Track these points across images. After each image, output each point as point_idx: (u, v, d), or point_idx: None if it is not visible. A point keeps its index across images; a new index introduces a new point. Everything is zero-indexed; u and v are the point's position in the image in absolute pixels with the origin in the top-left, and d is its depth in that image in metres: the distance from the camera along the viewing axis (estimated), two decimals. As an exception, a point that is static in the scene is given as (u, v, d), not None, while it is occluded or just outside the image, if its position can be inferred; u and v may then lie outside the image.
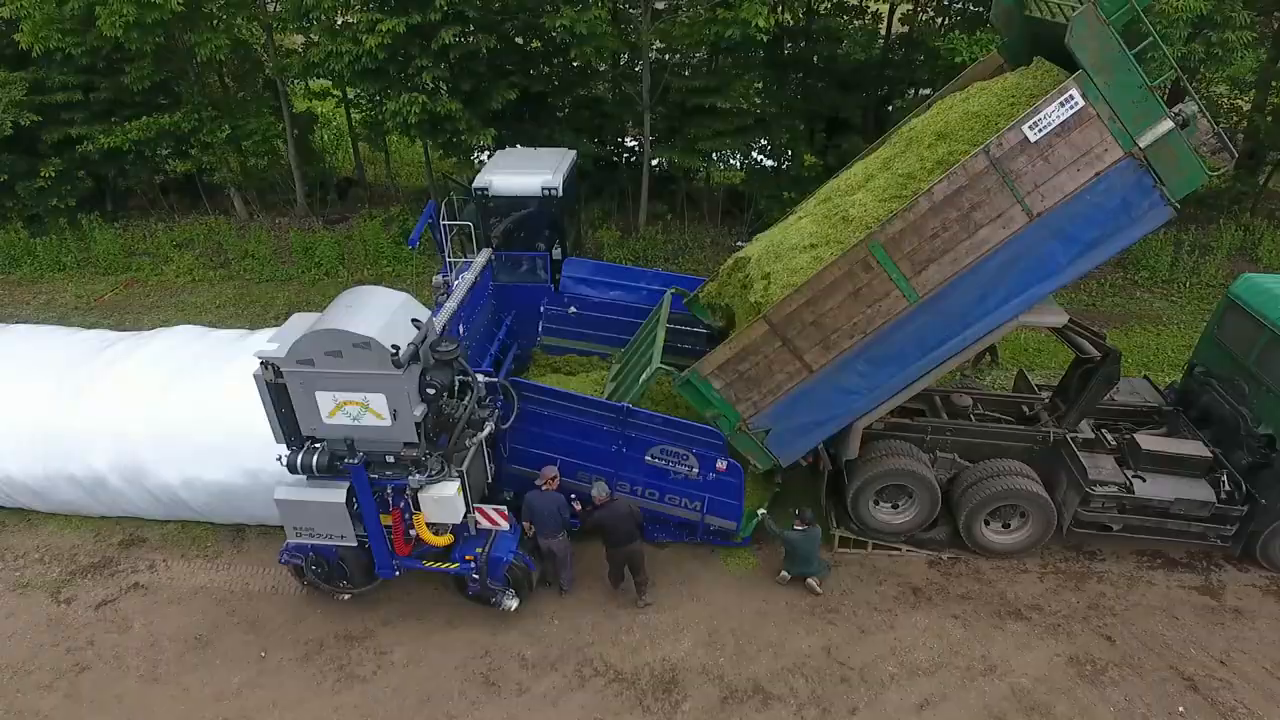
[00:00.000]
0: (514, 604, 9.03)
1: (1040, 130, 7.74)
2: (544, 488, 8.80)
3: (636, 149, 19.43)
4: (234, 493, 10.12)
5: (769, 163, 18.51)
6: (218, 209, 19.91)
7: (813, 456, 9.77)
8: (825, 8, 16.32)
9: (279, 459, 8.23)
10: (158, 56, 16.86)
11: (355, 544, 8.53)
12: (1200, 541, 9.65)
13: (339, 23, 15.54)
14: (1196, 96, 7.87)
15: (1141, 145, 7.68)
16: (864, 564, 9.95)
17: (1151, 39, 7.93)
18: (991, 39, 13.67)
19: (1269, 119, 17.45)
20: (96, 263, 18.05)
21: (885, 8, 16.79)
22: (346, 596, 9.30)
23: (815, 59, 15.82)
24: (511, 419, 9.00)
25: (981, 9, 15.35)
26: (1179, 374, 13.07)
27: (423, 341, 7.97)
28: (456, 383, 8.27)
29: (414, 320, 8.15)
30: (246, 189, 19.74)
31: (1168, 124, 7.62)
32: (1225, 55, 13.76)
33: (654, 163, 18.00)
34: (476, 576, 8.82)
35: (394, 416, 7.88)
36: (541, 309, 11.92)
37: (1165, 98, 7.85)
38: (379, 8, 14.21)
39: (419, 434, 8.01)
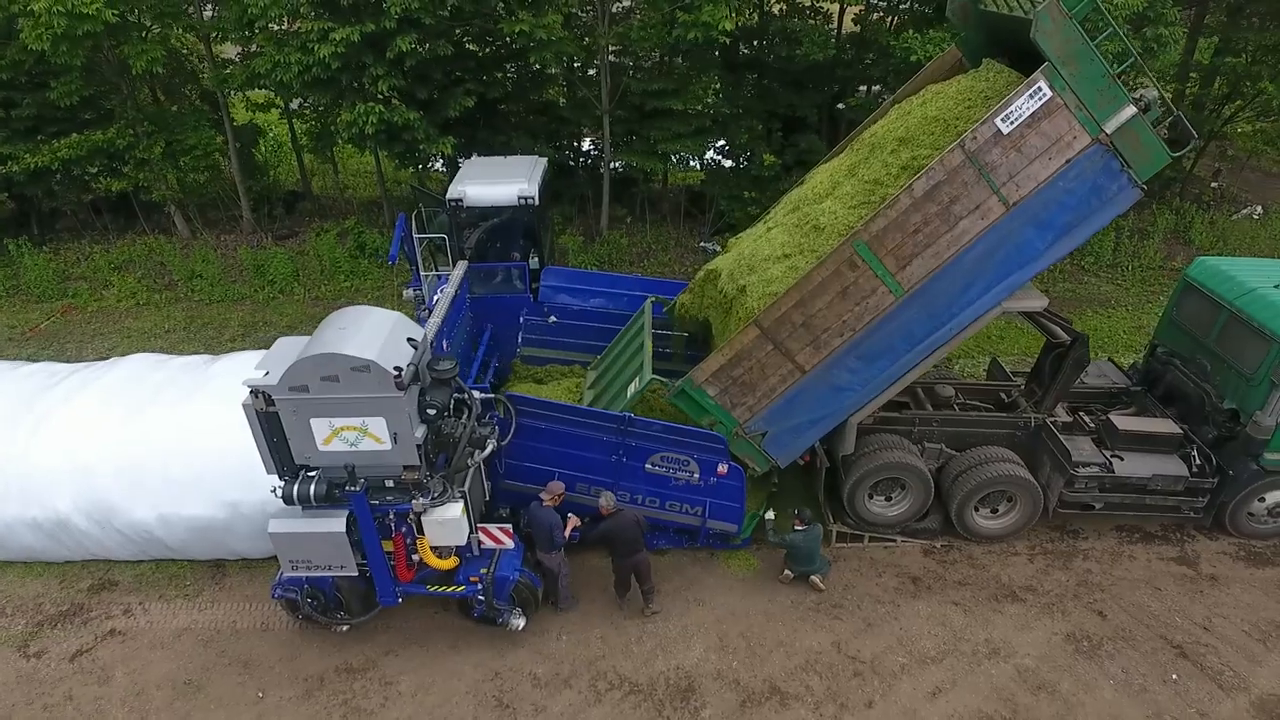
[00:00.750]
0: (521, 623, 8.86)
1: (1012, 122, 7.99)
2: (546, 502, 8.65)
3: (593, 153, 19.35)
4: (213, 527, 9.67)
5: (727, 163, 18.64)
6: (156, 228, 18.99)
7: (809, 455, 9.86)
8: (780, 9, 16.52)
9: (273, 491, 7.87)
10: (86, 70, 15.95)
11: (356, 573, 8.22)
12: (1174, 514, 10.11)
13: (286, 31, 14.97)
14: (1155, 82, 8.23)
15: (1108, 131, 7.99)
16: (862, 557, 10.10)
17: (1111, 30, 8.30)
18: (945, 37, 14.07)
19: (1190, 108, 18.44)
20: (27, 290, 16.99)
21: (835, 8, 17.11)
22: (345, 628, 8.98)
23: (772, 59, 15.98)
24: (510, 435, 8.83)
25: (928, 9, 15.78)
26: (1132, 354, 13.80)
27: (420, 361, 7.74)
28: (454, 401, 8.07)
29: (409, 340, 7.91)
30: (187, 206, 18.86)
31: (1131, 109, 7.95)
32: (1159, 49, 14.46)
33: (613, 166, 17.93)
34: (482, 598, 8.62)
35: (394, 439, 7.62)
36: (521, 319, 11.72)
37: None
38: (330, 16, 13.75)
39: (420, 456, 7.78)
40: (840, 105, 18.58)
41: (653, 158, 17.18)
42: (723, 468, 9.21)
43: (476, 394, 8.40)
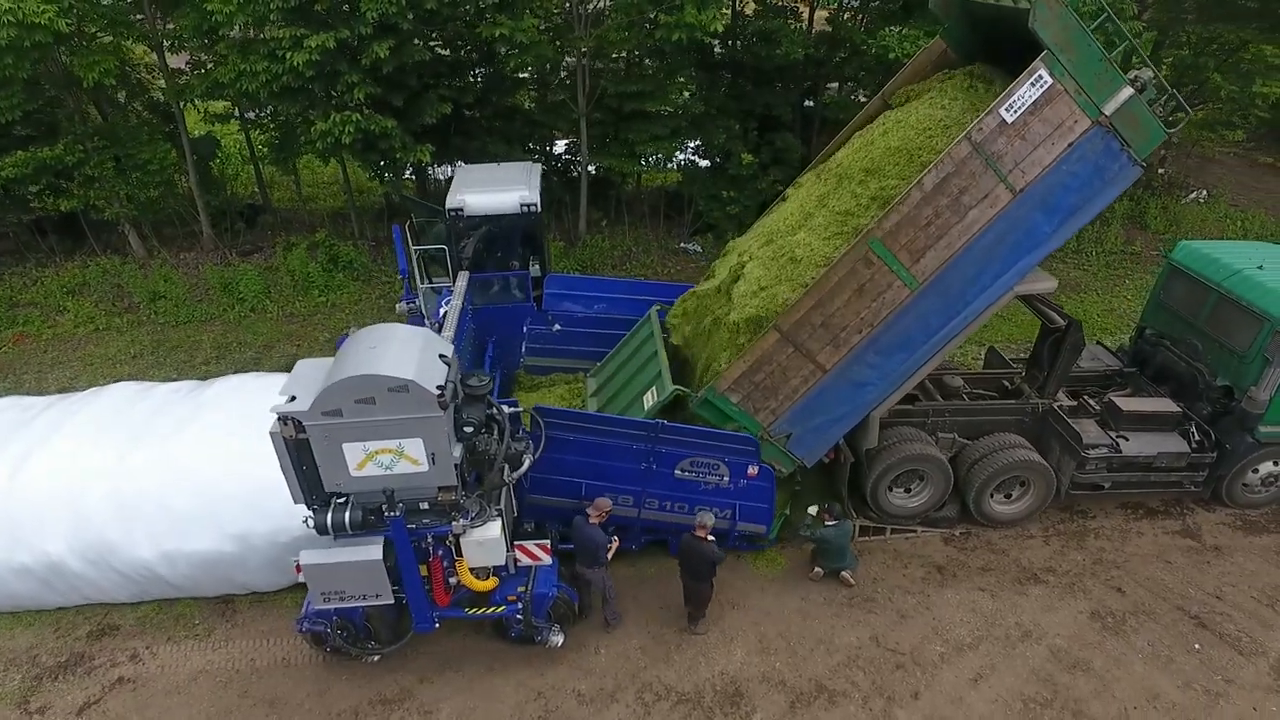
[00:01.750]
0: (560, 639, 8.67)
1: (1015, 111, 8.18)
2: (594, 519, 8.47)
3: (566, 156, 19.14)
4: (221, 562, 9.19)
5: (703, 163, 18.66)
6: (108, 248, 17.95)
7: (833, 452, 9.92)
8: (755, 9, 16.61)
9: (305, 521, 7.52)
10: (29, 83, 14.99)
11: (391, 601, 7.90)
12: (1176, 489, 10.52)
13: (250, 39, 14.35)
14: (1149, 62, 8.56)
15: (1107, 113, 8.23)
16: (886, 550, 10.22)
17: (1106, 15, 8.59)
18: (919, 35, 14.35)
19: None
20: (-30, 319, 15.90)
21: (806, 7, 17.29)
22: (376, 658, 8.63)
23: (747, 59, 16.04)
24: (540, 449, 8.63)
25: (894, 6, 16.04)
26: (1107, 336, 14.32)
27: (456, 377, 7.50)
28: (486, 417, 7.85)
29: (441, 356, 7.65)
30: (142, 224, 17.92)
31: (1128, 90, 8.20)
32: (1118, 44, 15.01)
33: (589, 169, 17.77)
34: (520, 617, 8.41)
35: (432, 460, 7.35)
36: (525, 329, 11.50)
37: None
38: (302, 22, 13.23)
39: (458, 476, 7.54)
40: (808, 103, 18.84)
41: (629, 160, 17.11)
42: (753, 469, 9.19)
43: (505, 408, 8.20)
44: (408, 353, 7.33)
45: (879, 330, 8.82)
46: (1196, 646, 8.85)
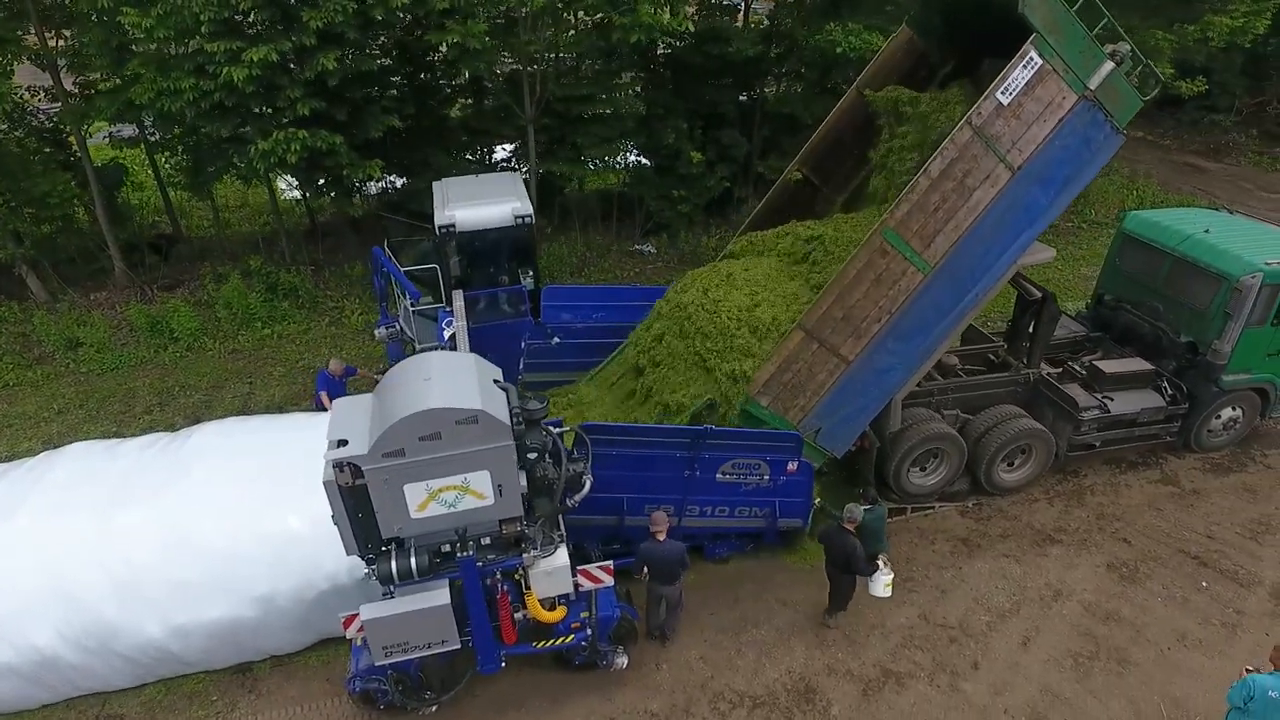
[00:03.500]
0: (624, 661, 8.44)
1: (1010, 93, 8.59)
2: (660, 535, 8.21)
3: (506, 164, 18.62)
4: (242, 628, 8.38)
5: (646, 161, 18.56)
6: (2, 294, 16.01)
7: (861, 440, 10.10)
8: (698, 7, 16.65)
9: (367, 575, 6.95)
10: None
11: (458, 646, 7.42)
12: (1154, 441, 11.36)
13: (168, 55, 13.12)
14: (1125, 36, 9.19)
15: (1091, 87, 8.74)
16: (909, 529, 10.51)
17: None
18: (860, 28, 14.83)
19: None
20: None
21: (743, 3, 17.52)
22: (434, 708, 8.10)
23: (697, 58, 16.08)
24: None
25: (831, 3, 16.49)
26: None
27: (518, 403, 7.14)
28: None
29: (496, 382, 7.26)
30: (40, 264, 16.09)
31: (1109, 65, 8.74)
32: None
33: (536, 173, 17.35)
34: (586, 644, 8.11)
35: (499, 492, 6.97)
36: (524, 345, 11.08)
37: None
38: (234, 34, 12.21)
39: (523, 506, 7.17)
40: (742, 97, 19.07)
41: (578, 164, 16.83)
42: (792, 465, 9.23)
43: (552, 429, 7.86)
44: (466, 381, 6.91)
45: (897, 317, 9.05)
46: (1204, 584, 9.59)
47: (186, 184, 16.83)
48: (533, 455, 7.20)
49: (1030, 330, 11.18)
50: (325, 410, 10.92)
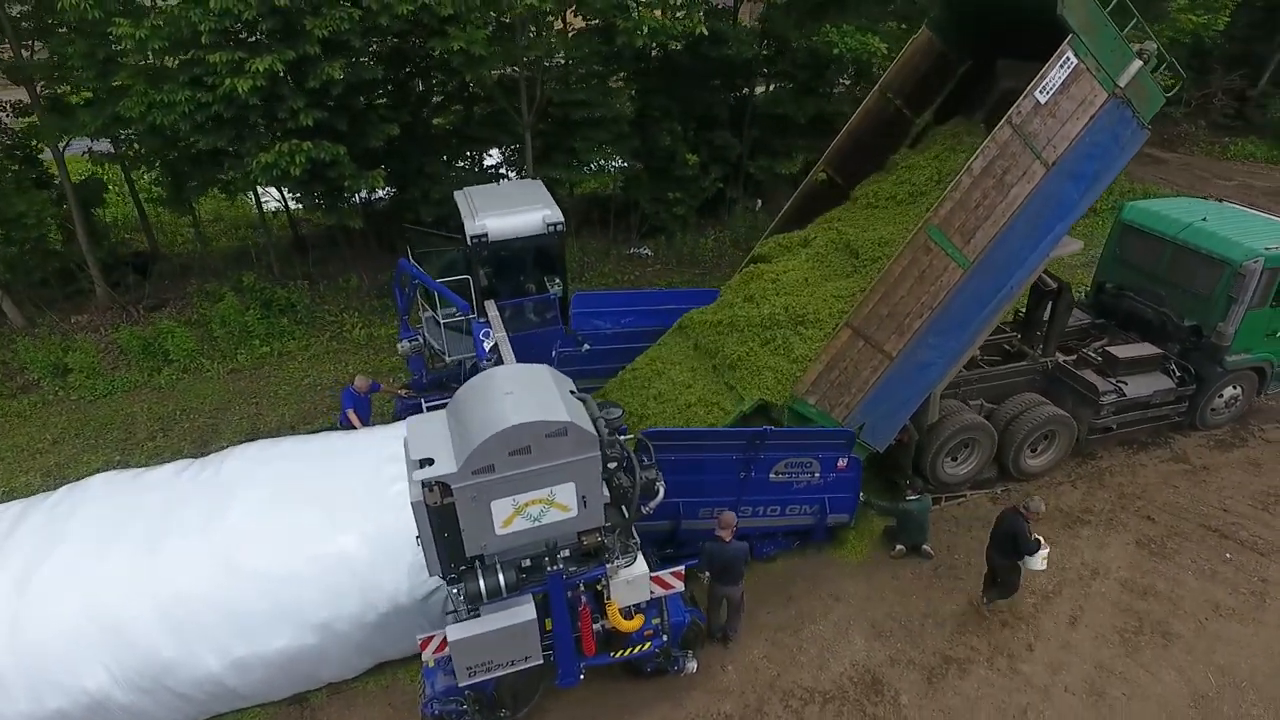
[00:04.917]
0: (694, 665, 8.46)
1: (1047, 92, 8.91)
2: (726, 537, 8.25)
3: (498, 170, 18.41)
4: (303, 658, 8.16)
5: (636, 164, 18.56)
6: (-28, 321, 15.23)
7: (902, 433, 10.30)
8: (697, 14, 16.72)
9: (454, 602, 6.84)
10: None
11: (540, 662, 7.35)
12: (1164, 421, 11.85)
13: (159, 68, 12.64)
14: (1152, 34, 9.57)
15: (1121, 85, 9.12)
16: (945, 517, 10.75)
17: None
18: (853, 29, 15.10)
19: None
20: None
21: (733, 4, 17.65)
22: (510, 726, 7.99)
23: (692, 60, 16.16)
24: (653, 474, 8.31)
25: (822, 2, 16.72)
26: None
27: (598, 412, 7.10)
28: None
29: (572, 392, 7.21)
30: (15, 288, 15.30)
31: (1138, 63, 9.14)
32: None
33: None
34: (660, 650, 8.10)
35: (583, 504, 6.92)
36: (554, 353, 10.98)
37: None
38: (236, 45, 11.83)
39: (605, 516, 7.14)
40: (732, 95, 19.20)
41: (575, 169, 16.77)
42: (842, 462, 9.37)
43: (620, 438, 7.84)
44: (548, 393, 6.84)
45: (938, 312, 9.28)
46: (1228, 556, 10.06)
47: (168, 199, 16.18)
48: (612, 465, 7.17)
49: (1046, 319, 11.56)
50: (354, 428, 10.69)
